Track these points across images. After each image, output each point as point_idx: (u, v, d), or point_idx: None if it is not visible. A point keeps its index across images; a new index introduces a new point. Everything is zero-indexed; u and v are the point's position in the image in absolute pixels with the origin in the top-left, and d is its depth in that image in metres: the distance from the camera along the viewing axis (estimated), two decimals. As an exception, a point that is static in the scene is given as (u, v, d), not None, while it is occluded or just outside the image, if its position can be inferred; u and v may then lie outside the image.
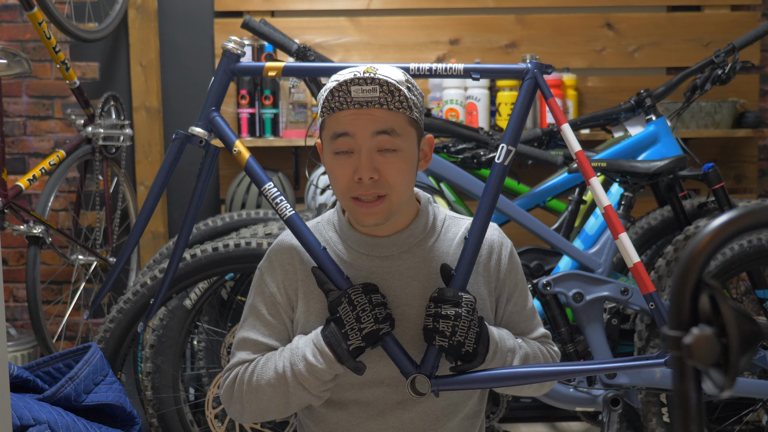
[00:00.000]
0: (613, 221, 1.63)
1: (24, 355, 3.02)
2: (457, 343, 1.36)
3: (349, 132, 1.35)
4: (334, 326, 1.36)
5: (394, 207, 1.39)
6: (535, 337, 1.52)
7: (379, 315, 1.36)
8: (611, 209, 1.63)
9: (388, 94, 1.33)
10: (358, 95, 1.33)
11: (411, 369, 1.40)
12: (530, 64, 1.56)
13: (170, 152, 1.68)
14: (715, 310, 0.68)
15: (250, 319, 1.48)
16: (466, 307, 1.37)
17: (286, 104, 3.18)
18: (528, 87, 1.56)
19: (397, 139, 1.35)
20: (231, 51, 1.62)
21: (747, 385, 2.24)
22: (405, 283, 1.44)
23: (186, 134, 1.65)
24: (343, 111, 1.35)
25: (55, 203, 3.27)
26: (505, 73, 1.64)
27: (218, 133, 1.65)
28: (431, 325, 1.37)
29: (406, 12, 3.33)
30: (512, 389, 1.51)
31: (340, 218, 1.48)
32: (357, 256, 1.45)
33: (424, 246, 1.46)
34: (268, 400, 1.42)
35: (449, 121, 2.55)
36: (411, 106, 1.36)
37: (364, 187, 1.35)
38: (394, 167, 1.35)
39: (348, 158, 1.36)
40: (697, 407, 0.69)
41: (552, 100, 1.58)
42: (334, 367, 1.36)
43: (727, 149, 3.36)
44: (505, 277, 1.49)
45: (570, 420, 3.03)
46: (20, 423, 1.63)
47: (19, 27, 3.30)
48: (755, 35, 2.53)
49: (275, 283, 1.47)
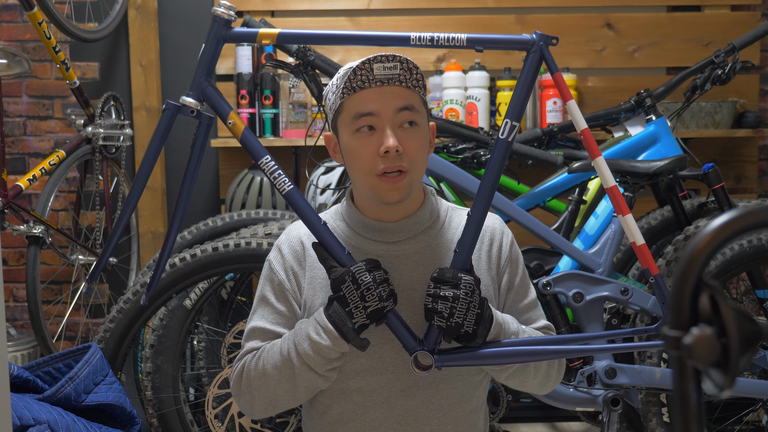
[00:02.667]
0: (618, 201, 1.61)
1: (24, 355, 3.02)
2: (456, 324, 1.38)
3: (373, 111, 1.39)
4: (338, 305, 1.37)
5: (414, 183, 1.43)
6: (538, 327, 1.53)
7: (383, 293, 1.36)
8: (617, 189, 1.60)
9: (407, 72, 1.40)
10: (380, 72, 1.38)
11: (414, 344, 1.42)
12: (535, 35, 1.52)
13: (160, 124, 1.60)
14: (715, 310, 0.68)
15: (259, 309, 1.50)
16: (465, 288, 1.37)
17: (286, 104, 3.18)
18: (533, 60, 1.52)
19: (416, 115, 1.41)
20: (221, 16, 1.55)
21: (747, 385, 2.24)
22: (411, 268, 1.46)
23: (176, 104, 1.57)
24: (365, 90, 1.39)
25: (55, 203, 3.27)
26: (509, 43, 1.57)
27: (212, 104, 1.57)
28: (430, 305, 1.38)
29: (406, 12, 3.34)
30: (516, 380, 1.51)
31: (348, 205, 1.51)
32: (364, 241, 1.48)
33: (429, 233, 1.49)
34: (275, 386, 1.42)
35: (449, 121, 2.55)
36: (424, 85, 1.43)
37: (390, 160, 1.38)
38: (415, 141, 1.41)
39: (371, 135, 1.40)
40: (697, 407, 0.69)
41: (558, 74, 1.54)
42: (338, 344, 1.37)
43: (727, 149, 3.36)
44: (506, 265, 1.52)
45: (570, 420, 3.03)
46: (20, 423, 1.63)
47: (19, 27, 3.30)
48: (755, 35, 2.53)
49: (283, 270, 1.49)
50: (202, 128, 1.60)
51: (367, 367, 1.44)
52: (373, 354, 1.43)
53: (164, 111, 1.59)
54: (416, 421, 1.46)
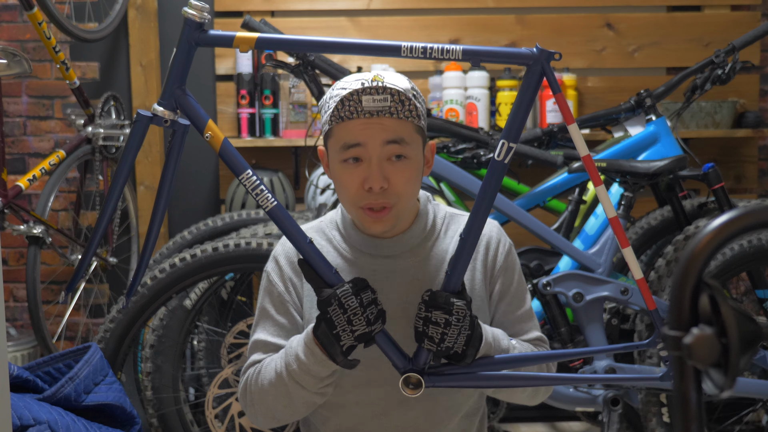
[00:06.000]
0: (618, 234, 1.48)
1: (24, 355, 3.02)
2: (446, 349, 1.35)
3: (360, 142, 1.35)
4: (325, 327, 1.33)
5: (401, 215, 1.40)
6: (529, 339, 1.50)
7: (370, 316, 1.33)
8: (617, 221, 1.47)
9: (399, 104, 1.34)
10: (369, 105, 1.33)
11: (404, 363, 1.39)
12: (536, 50, 1.38)
13: (132, 137, 1.46)
14: (715, 310, 0.68)
15: (261, 322, 1.48)
16: (457, 315, 1.33)
17: (286, 104, 3.18)
18: (532, 76, 1.38)
19: (406, 147, 1.36)
20: (192, 19, 1.43)
21: (747, 385, 2.24)
22: (406, 282, 1.44)
23: (148, 115, 1.44)
24: (353, 120, 1.34)
25: (55, 203, 3.27)
26: (507, 57, 1.43)
27: (187, 114, 1.43)
28: (421, 329, 1.35)
29: (406, 12, 3.33)
30: (504, 393, 1.50)
31: (344, 217, 1.49)
32: (359, 254, 1.46)
33: (425, 245, 1.47)
34: (273, 401, 1.41)
35: (449, 121, 2.55)
36: (419, 114, 1.37)
37: (374, 197, 1.35)
38: (402, 176, 1.36)
39: (357, 167, 1.36)
40: (697, 407, 0.69)
41: (560, 95, 1.40)
42: (326, 365, 1.35)
43: (727, 149, 3.36)
44: (499, 274, 1.48)
45: (570, 420, 3.04)
46: (20, 423, 1.63)
47: (19, 27, 3.30)
48: (755, 35, 2.53)
49: (282, 281, 1.48)
50: (177, 137, 1.47)
51: (365, 380, 1.43)
52: (371, 367, 1.42)
53: (135, 123, 1.46)
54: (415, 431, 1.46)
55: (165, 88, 1.43)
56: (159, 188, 1.50)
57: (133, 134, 1.46)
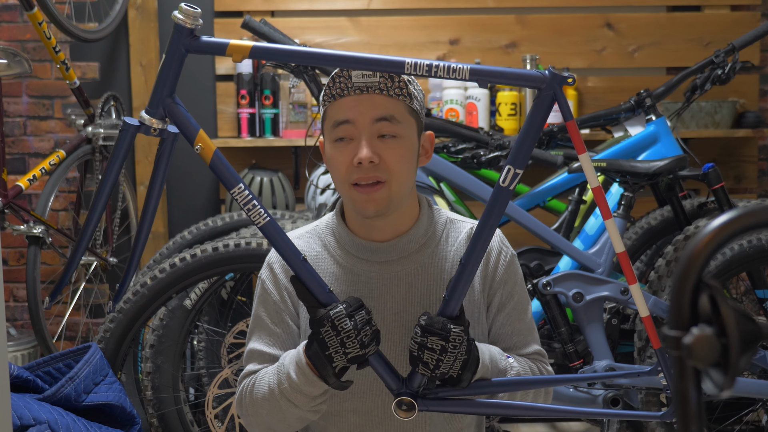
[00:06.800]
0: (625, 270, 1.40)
1: (24, 355, 3.02)
2: (441, 374, 1.32)
3: (349, 119, 1.34)
4: (317, 347, 1.29)
5: (394, 196, 1.36)
6: (527, 353, 1.47)
7: (364, 338, 1.29)
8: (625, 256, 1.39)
9: (389, 80, 1.34)
10: (359, 80, 1.33)
11: (397, 385, 1.37)
12: (548, 73, 1.30)
13: (118, 146, 1.40)
14: (715, 310, 0.68)
15: (256, 331, 1.46)
16: (454, 342, 1.29)
17: (286, 104, 3.18)
18: (543, 101, 1.31)
19: (397, 126, 1.35)
20: (182, 25, 1.34)
21: (747, 385, 2.24)
22: (404, 289, 1.41)
23: (135, 124, 1.37)
24: (344, 98, 1.35)
25: (55, 203, 3.27)
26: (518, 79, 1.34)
27: (177, 123, 1.37)
28: (416, 353, 1.31)
29: (406, 12, 3.33)
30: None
31: (338, 222, 1.46)
32: (356, 261, 1.43)
33: (424, 252, 1.43)
34: (267, 416, 1.39)
35: (449, 121, 2.55)
36: (411, 94, 1.36)
37: (364, 170, 1.33)
38: (394, 152, 1.35)
39: (348, 145, 1.35)
40: (697, 407, 0.69)
41: (572, 123, 1.30)
42: (318, 385, 1.32)
43: (727, 149, 3.36)
44: (498, 286, 1.45)
45: (570, 420, 3.03)
46: (20, 423, 1.63)
47: (19, 27, 3.30)
48: (755, 35, 2.53)
49: (277, 290, 1.45)
50: (166, 145, 1.40)
51: (363, 389, 1.42)
52: (368, 376, 1.40)
53: (120, 132, 1.39)
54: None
55: (153, 95, 1.36)
56: (146, 198, 1.44)
57: (118, 144, 1.39)
